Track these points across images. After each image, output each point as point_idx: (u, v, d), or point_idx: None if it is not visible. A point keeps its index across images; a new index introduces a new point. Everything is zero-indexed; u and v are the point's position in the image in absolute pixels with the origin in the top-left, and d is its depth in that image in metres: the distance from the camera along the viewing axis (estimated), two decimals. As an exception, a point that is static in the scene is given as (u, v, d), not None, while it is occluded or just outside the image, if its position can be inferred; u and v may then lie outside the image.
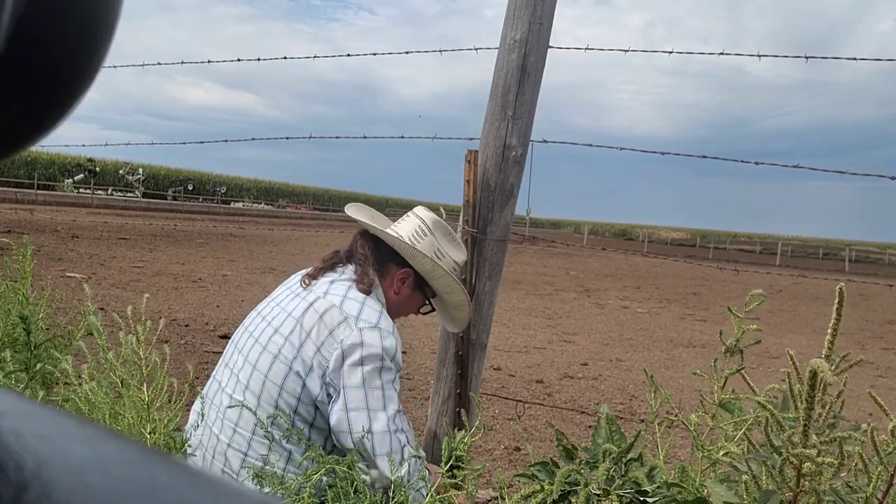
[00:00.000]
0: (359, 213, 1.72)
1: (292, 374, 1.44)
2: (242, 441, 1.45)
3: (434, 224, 1.70)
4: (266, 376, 1.46)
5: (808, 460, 0.88)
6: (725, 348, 1.27)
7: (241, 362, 1.52)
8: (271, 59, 2.74)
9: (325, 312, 1.47)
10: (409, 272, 1.65)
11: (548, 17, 1.86)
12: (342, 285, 1.55)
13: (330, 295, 1.51)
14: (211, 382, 1.61)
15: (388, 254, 1.65)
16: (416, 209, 1.76)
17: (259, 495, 0.21)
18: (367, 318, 1.46)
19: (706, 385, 1.29)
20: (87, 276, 7.75)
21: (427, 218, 1.71)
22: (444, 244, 1.69)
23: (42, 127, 0.23)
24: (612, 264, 20.39)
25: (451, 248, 1.70)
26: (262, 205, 45.59)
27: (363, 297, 1.52)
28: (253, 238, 17.06)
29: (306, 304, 1.51)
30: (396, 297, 1.66)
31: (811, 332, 8.89)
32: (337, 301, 1.49)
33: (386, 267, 1.64)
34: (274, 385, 1.45)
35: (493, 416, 3.88)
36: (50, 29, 0.20)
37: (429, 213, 1.74)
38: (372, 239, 1.66)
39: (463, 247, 1.76)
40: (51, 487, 0.18)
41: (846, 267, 32.55)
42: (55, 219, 15.45)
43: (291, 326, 1.48)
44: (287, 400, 1.44)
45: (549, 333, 7.20)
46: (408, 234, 1.67)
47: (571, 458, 1.27)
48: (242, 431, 1.45)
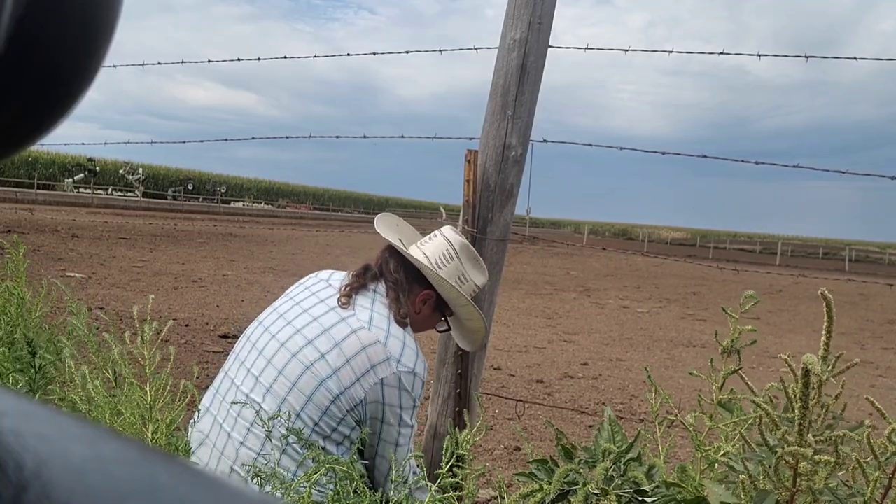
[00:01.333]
0: (387, 229, 1.73)
1: (323, 389, 1.45)
2: (256, 441, 1.45)
3: (461, 248, 1.71)
4: (294, 384, 1.47)
5: (803, 459, 0.88)
6: (722, 349, 1.27)
7: (263, 364, 1.52)
8: (271, 58, 2.74)
9: (370, 346, 1.49)
10: (431, 294, 1.67)
11: (547, 16, 1.86)
12: (382, 317, 1.57)
13: (374, 328, 1.53)
14: (223, 378, 1.60)
15: (413, 274, 1.66)
16: (444, 229, 1.76)
17: (259, 495, 0.21)
18: (407, 363, 1.51)
19: (706, 385, 1.29)
20: (87, 275, 7.75)
21: (455, 241, 1.71)
22: (468, 268, 1.71)
23: (42, 127, 0.23)
24: (612, 264, 20.40)
25: (474, 272, 1.72)
26: (263, 204, 45.59)
27: (403, 333, 1.56)
28: (253, 238, 17.07)
29: (347, 327, 1.52)
30: (417, 318, 1.68)
31: (811, 332, 8.89)
32: (381, 337, 1.52)
33: (411, 287, 1.66)
34: (301, 394, 1.46)
35: (493, 415, 3.88)
36: (50, 29, 0.20)
37: (457, 235, 1.74)
38: (399, 255, 1.68)
39: (485, 269, 1.77)
40: (51, 487, 0.18)
41: (846, 267, 32.54)
42: (55, 218, 15.46)
43: (326, 342, 1.49)
44: (311, 411, 1.46)
45: (549, 333, 7.20)
46: (434, 257, 1.68)
47: (570, 457, 1.27)
48: (257, 432, 1.45)
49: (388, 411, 1.50)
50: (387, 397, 1.49)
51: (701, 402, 1.30)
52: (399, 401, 1.50)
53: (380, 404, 1.49)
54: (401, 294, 1.62)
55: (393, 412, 1.51)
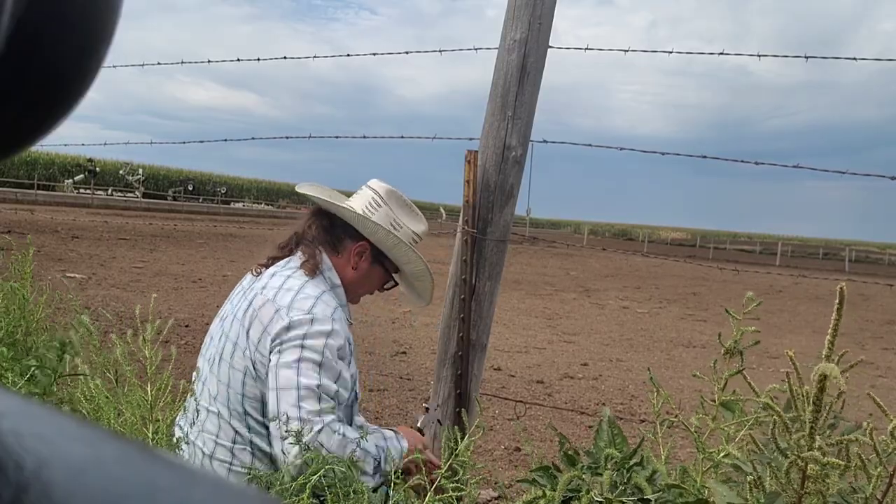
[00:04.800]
0: (311, 189, 1.67)
1: (248, 377, 1.42)
2: (225, 452, 1.44)
3: (388, 194, 1.64)
4: (228, 386, 1.44)
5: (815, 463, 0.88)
6: (725, 350, 1.27)
7: (206, 372, 1.51)
8: (271, 59, 2.74)
9: (261, 308, 1.44)
10: (365, 245, 1.61)
11: (547, 16, 1.86)
12: (281, 276, 1.51)
13: (267, 289, 1.48)
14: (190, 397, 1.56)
15: (342, 229, 1.61)
16: (369, 181, 1.69)
17: (259, 495, 0.21)
18: (300, 307, 1.43)
19: (706, 385, 1.29)
20: (87, 276, 7.75)
21: (380, 188, 1.65)
22: (401, 214, 1.64)
23: (42, 127, 0.23)
24: (612, 264, 20.39)
25: (408, 219, 1.66)
26: (263, 205, 45.57)
27: (301, 284, 1.48)
28: (253, 238, 17.05)
29: (247, 302, 1.48)
30: (355, 273, 1.61)
31: (811, 332, 8.89)
32: (271, 294, 1.46)
33: (341, 243, 1.60)
34: (236, 393, 1.43)
35: (493, 416, 3.88)
36: (50, 29, 0.20)
37: (382, 183, 1.67)
38: (326, 216, 1.62)
39: (422, 217, 1.70)
40: (51, 488, 0.17)
41: (846, 267, 32.53)
42: (55, 219, 15.45)
43: (237, 329, 1.46)
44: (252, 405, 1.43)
45: (549, 334, 7.20)
46: (361, 206, 1.63)
47: (573, 463, 1.26)
48: (224, 442, 1.44)
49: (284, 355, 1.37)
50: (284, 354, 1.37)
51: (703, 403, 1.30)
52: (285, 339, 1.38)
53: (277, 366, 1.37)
54: (317, 249, 1.56)
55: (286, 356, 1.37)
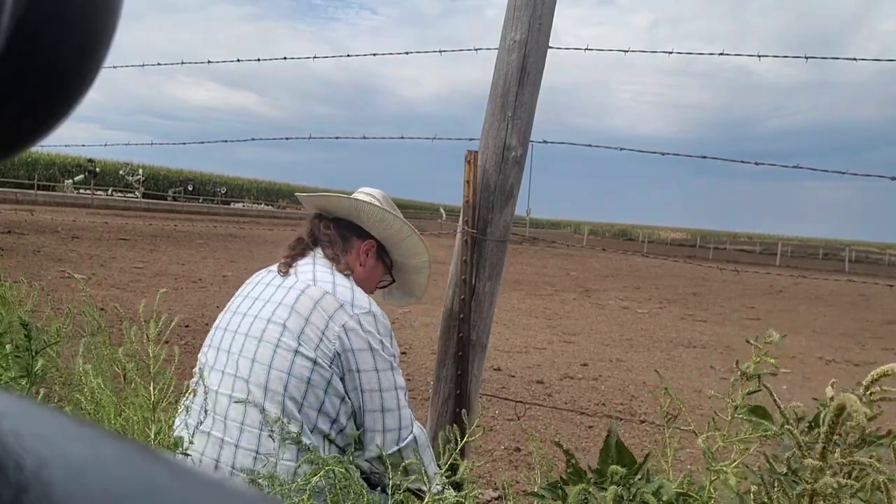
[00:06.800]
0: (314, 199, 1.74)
1: (300, 357, 1.44)
2: (252, 438, 1.42)
3: (383, 197, 1.74)
4: (271, 366, 1.44)
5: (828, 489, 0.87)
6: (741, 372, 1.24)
7: (235, 359, 1.49)
8: (271, 59, 2.74)
9: (321, 299, 1.49)
10: (372, 243, 1.70)
11: (547, 17, 1.86)
12: (325, 271, 1.58)
13: (319, 282, 1.54)
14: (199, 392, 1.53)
15: (347, 229, 1.69)
16: (360, 189, 1.79)
17: (259, 495, 0.21)
18: (361, 305, 1.51)
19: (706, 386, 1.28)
20: (87, 276, 7.75)
21: (375, 192, 1.75)
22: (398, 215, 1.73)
23: (42, 127, 0.23)
24: (612, 264, 20.39)
25: None
26: (263, 205, 45.56)
27: (349, 282, 1.57)
28: (253, 238, 17.06)
29: (297, 291, 1.52)
30: (363, 270, 1.69)
31: (811, 332, 8.89)
32: (329, 288, 1.52)
33: (349, 242, 1.68)
34: (280, 373, 1.44)
35: (493, 416, 3.88)
36: (50, 29, 0.20)
37: (374, 189, 1.77)
38: (331, 217, 1.70)
39: None
40: (51, 488, 0.17)
41: (846, 267, 32.53)
42: (55, 219, 15.44)
43: (282, 313, 1.48)
44: (296, 386, 1.43)
45: (549, 334, 7.20)
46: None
47: (581, 477, 1.25)
48: (251, 429, 1.43)
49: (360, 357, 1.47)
50: (353, 342, 1.47)
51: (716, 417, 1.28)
52: (368, 344, 1.48)
53: (350, 352, 1.47)
54: (338, 250, 1.64)
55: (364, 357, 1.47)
